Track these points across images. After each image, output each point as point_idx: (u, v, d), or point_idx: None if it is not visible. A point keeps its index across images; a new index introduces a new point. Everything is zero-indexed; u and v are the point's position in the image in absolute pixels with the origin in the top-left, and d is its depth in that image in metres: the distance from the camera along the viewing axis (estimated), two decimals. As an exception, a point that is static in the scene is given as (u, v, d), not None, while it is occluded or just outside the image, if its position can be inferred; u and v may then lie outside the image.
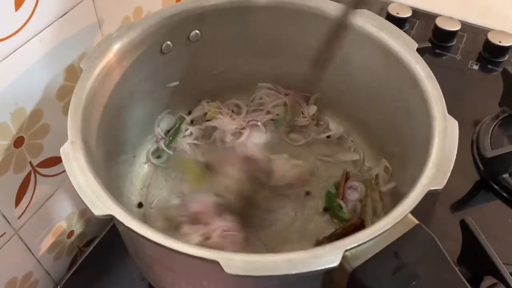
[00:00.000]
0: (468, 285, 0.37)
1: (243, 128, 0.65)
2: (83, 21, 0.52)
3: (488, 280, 0.53)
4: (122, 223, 0.37)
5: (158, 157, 0.63)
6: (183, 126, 0.65)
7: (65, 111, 0.48)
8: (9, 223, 0.51)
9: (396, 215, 0.38)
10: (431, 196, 0.39)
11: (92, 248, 0.62)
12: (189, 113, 0.67)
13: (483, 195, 0.66)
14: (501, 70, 0.74)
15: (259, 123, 0.66)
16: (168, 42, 0.57)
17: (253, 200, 0.57)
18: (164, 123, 0.64)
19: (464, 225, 0.53)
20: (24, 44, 0.46)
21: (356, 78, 0.60)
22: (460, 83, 0.80)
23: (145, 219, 0.57)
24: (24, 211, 0.53)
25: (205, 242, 0.49)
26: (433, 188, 0.39)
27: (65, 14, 0.49)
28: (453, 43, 0.86)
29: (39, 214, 0.55)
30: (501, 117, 0.72)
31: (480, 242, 0.51)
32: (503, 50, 0.83)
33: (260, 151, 0.57)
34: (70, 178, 0.40)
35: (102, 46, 0.50)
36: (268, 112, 0.67)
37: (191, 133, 0.65)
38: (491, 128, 0.71)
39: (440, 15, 0.88)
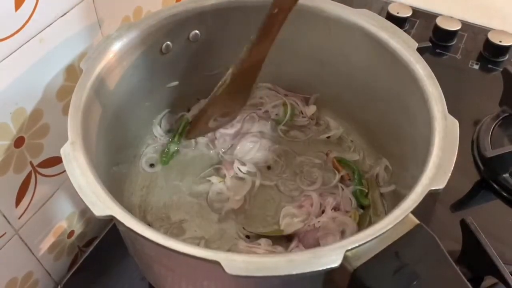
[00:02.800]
0: (469, 285, 0.37)
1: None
2: (83, 21, 0.52)
3: (489, 280, 0.53)
4: (122, 223, 0.37)
5: (151, 165, 0.62)
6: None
7: (65, 111, 0.48)
8: (9, 223, 0.51)
9: (397, 215, 0.38)
10: (431, 196, 0.39)
11: (93, 248, 0.62)
12: (188, 110, 0.67)
13: (483, 195, 0.66)
14: (501, 69, 0.74)
15: (254, 115, 0.66)
16: (168, 42, 0.57)
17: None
18: (164, 123, 0.64)
19: (464, 225, 0.53)
20: (24, 44, 0.46)
21: (356, 77, 0.60)
22: (460, 83, 0.80)
23: (145, 219, 0.57)
24: (25, 211, 0.53)
25: None
26: (433, 188, 0.39)
27: (65, 14, 0.49)
28: (453, 42, 0.86)
29: (39, 214, 0.55)
30: (501, 117, 0.72)
31: (481, 242, 0.51)
32: (504, 49, 0.83)
33: None
34: (70, 179, 0.40)
35: (102, 46, 0.50)
36: (266, 111, 0.67)
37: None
38: (492, 128, 0.71)
39: (440, 15, 0.88)
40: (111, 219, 0.38)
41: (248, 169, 0.61)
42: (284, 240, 0.55)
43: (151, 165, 0.62)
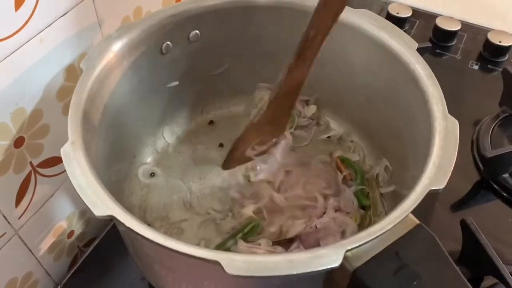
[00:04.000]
0: (469, 285, 0.37)
1: None
2: (83, 21, 0.52)
3: (488, 280, 0.53)
4: (122, 224, 0.37)
5: (152, 175, 0.62)
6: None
7: (65, 111, 0.48)
8: (9, 223, 0.51)
9: (397, 215, 0.38)
10: (431, 196, 0.39)
11: (92, 248, 0.62)
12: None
13: (483, 195, 0.66)
14: (501, 70, 0.74)
15: None
16: (168, 42, 0.57)
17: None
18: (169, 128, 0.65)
19: (464, 225, 0.53)
20: (24, 44, 0.46)
21: (356, 78, 0.60)
22: (460, 83, 0.80)
23: (145, 219, 0.57)
24: (25, 211, 0.53)
25: None
26: (434, 188, 0.39)
27: (65, 14, 0.49)
28: (453, 43, 0.86)
29: (39, 214, 0.55)
30: (501, 117, 0.72)
31: (481, 242, 0.51)
32: (503, 50, 0.83)
33: None
34: (70, 179, 0.40)
35: (102, 46, 0.50)
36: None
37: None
38: (491, 128, 0.71)
39: (440, 15, 0.88)
40: (111, 219, 0.38)
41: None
42: (284, 240, 0.55)
43: (151, 164, 0.62)
